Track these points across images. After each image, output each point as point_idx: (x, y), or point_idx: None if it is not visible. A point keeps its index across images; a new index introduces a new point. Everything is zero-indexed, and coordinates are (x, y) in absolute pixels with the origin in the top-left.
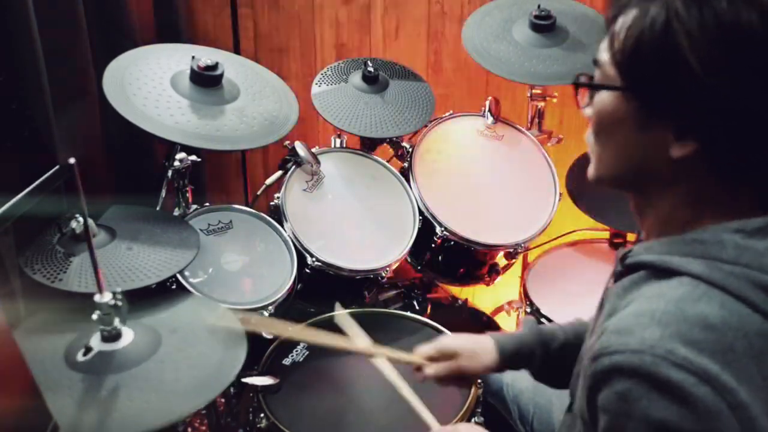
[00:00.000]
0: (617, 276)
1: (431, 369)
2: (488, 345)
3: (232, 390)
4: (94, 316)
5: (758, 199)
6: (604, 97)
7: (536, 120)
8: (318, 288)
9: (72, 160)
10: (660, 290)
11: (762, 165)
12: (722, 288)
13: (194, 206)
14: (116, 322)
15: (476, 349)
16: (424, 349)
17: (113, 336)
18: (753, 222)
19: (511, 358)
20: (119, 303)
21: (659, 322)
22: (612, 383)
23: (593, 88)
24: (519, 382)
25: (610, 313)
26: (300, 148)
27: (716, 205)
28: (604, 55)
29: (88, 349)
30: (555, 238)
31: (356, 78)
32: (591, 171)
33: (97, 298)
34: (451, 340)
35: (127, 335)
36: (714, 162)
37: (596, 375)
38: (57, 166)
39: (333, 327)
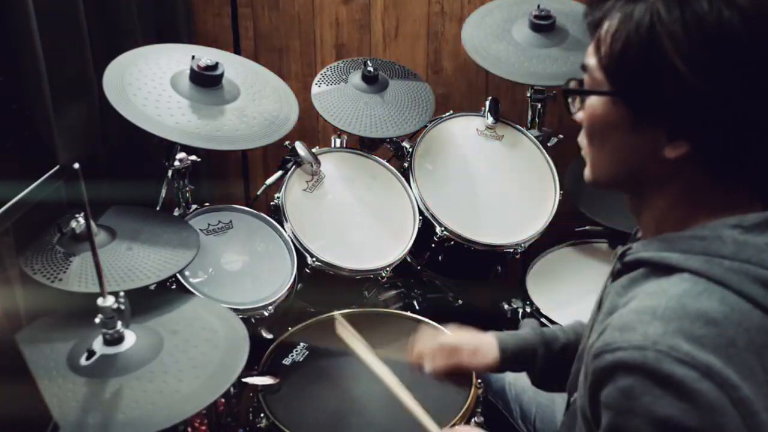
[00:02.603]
0: (616, 274)
1: (430, 363)
2: (490, 343)
3: (232, 390)
4: (97, 320)
5: (754, 194)
6: (594, 102)
7: (536, 120)
8: (318, 288)
9: (76, 165)
10: (661, 287)
11: (755, 162)
12: (722, 284)
13: (194, 206)
14: (119, 325)
15: (478, 346)
16: (426, 344)
17: (116, 339)
18: (750, 217)
19: (513, 357)
20: (122, 306)
21: (661, 318)
22: (615, 380)
23: (583, 94)
24: (521, 381)
25: (610, 310)
26: (300, 148)
27: (712, 202)
28: (591, 59)
29: (91, 353)
30: (555, 238)
31: (356, 78)
32: (587, 174)
33: (99, 301)
34: (452, 336)
35: (130, 338)
36: (707, 161)
37: (599, 372)
38: (57, 166)
39: (332, 330)
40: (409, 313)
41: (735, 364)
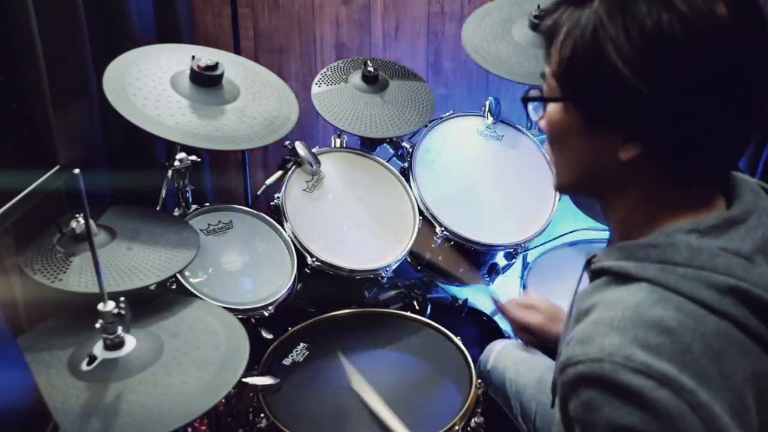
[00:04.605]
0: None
1: (513, 310)
2: None
3: (232, 390)
4: (97, 325)
5: (715, 191)
6: (551, 109)
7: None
8: (318, 288)
9: (76, 171)
10: (618, 296)
11: (708, 159)
12: (677, 291)
13: (194, 206)
14: (119, 329)
15: (559, 315)
16: (514, 299)
17: (116, 344)
18: (707, 220)
19: None
20: (122, 311)
21: (617, 329)
22: (578, 393)
23: (538, 101)
24: (522, 378)
25: (576, 318)
26: (300, 148)
27: (673, 202)
28: (546, 68)
29: (92, 358)
30: (555, 238)
31: (356, 78)
32: (554, 180)
33: (100, 306)
34: (540, 298)
35: (130, 342)
36: (662, 161)
37: (564, 385)
38: (57, 166)
39: (332, 327)
40: (409, 313)
41: (691, 370)
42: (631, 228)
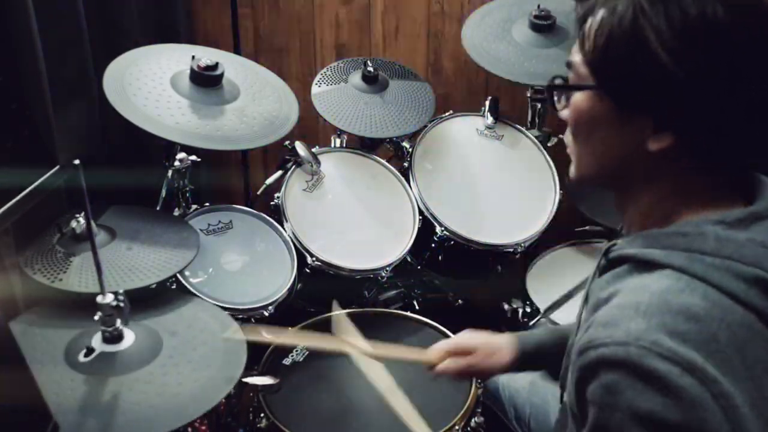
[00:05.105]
0: (602, 270)
1: (446, 365)
2: (507, 343)
3: (232, 390)
4: (96, 317)
5: (736, 190)
6: (579, 98)
7: (536, 120)
8: (318, 288)
9: (77, 161)
10: (643, 282)
11: (738, 152)
12: (704, 280)
13: (194, 206)
14: (118, 323)
15: (494, 346)
16: (440, 346)
17: (115, 337)
18: (733, 213)
19: (531, 356)
20: (121, 304)
21: (644, 314)
22: (599, 376)
23: (567, 89)
24: (514, 382)
25: (594, 306)
26: (300, 148)
27: (696, 196)
28: (576, 56)
29: (89, 350)
30: (555, 238)
31: (356, 78)
32: (572, 171)
33: (99, 299)
34: (468, 337)
35: (129, 337)
36: (691, 153)
37: (583, 368)
38: (57, 166)
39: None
40: (409, 313)
41: (716, 359)
42: (652, 220)
